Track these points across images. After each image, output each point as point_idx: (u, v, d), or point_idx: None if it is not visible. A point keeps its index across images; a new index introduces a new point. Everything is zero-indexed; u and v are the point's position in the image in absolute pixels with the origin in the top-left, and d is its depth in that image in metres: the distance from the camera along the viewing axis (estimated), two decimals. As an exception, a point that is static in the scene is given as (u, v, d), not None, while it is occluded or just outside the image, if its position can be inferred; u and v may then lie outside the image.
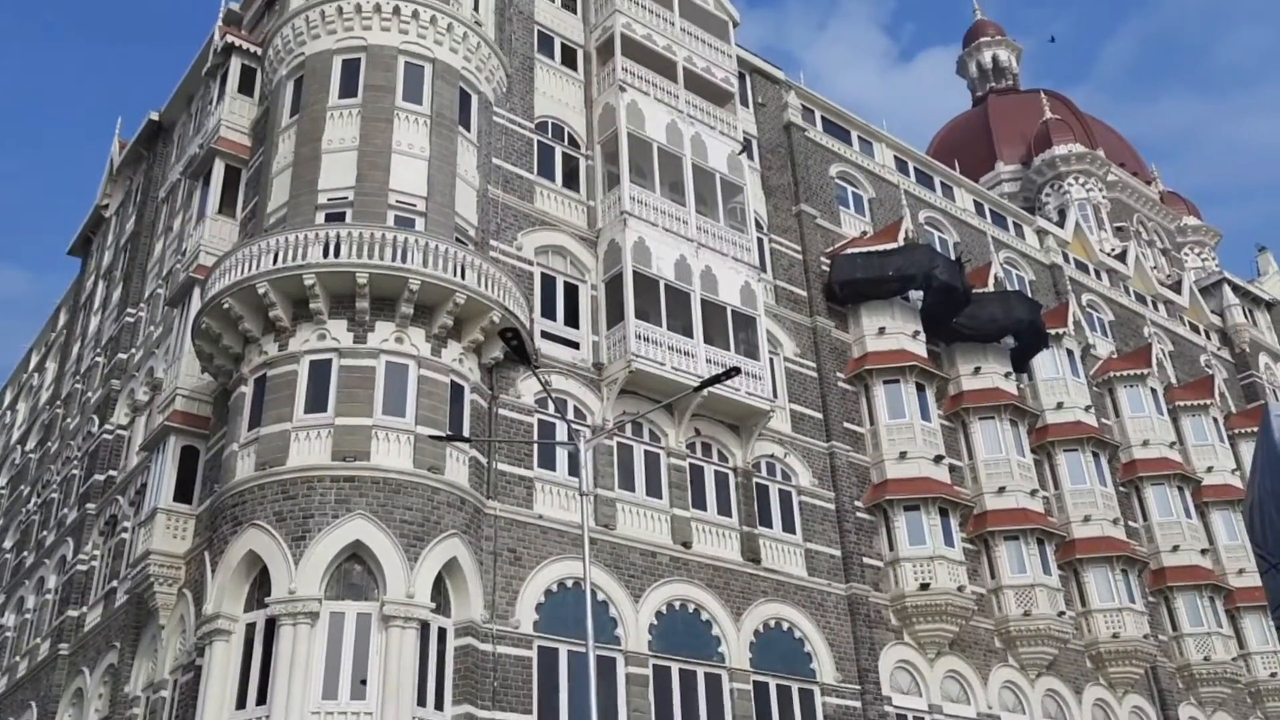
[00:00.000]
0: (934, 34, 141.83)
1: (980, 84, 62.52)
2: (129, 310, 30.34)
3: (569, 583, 21.22)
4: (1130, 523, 34.69)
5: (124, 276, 32.26)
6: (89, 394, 32.14)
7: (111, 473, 27.95)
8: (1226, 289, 48.32)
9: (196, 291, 23.41)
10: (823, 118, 34.83)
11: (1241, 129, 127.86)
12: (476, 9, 25.83)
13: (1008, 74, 62.42)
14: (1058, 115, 54.77)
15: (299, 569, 18.32)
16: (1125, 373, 37.43)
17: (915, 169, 37.23)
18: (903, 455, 28.47)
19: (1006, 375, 32.43)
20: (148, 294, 30.22)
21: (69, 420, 33.74)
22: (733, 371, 17.11)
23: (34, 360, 43.31)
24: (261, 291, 20.20)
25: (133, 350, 29.58)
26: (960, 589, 27.11)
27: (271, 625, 18.33)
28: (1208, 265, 54.87)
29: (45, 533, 32.17)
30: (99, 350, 32.64)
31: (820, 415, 28.22)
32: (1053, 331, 34.29)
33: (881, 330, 30.24)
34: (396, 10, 23.82)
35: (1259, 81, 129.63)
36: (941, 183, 37.97)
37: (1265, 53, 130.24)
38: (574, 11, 29.00)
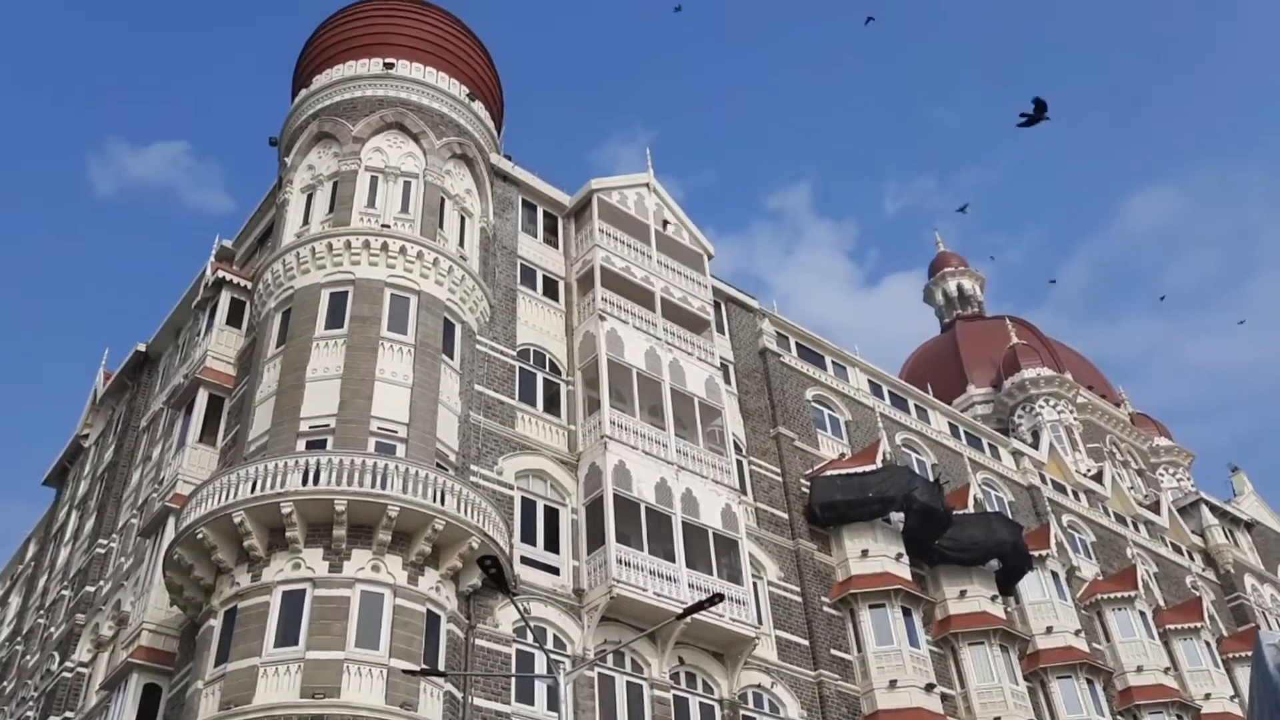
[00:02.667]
0: (897, 260, 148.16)
1: (947, 310, 64.77)
2: (100, 541, 29.76)
3: (548, 829, 19.95)
4: (1133, 754, 33.31)
5: (98, 506, 31.84)
6: (52, 629, 31.01)
7: (69, 714, 26.58)
8: (1205, 509, 48.46)
9: (171, 521, 23.09)
10: (797, 343, 35.79)
11: (1201, 348, 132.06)
12: (462, 244, 26.94)
13: (973, 301, 64.79)
14: (1024, 340, 56.49)
15: (260, 817, 17.19)
16: (1112, 595, 36.92)
17: (889, 392, 37.97)
18: (893, 684, 27.57)
19: (993, 598, 31.94)
20: (121, 524, 29.75)
21: (28, 657, 32.39)
22: (716, 598, 16.75)
23: (-3, 594, 41.97)
24: (238, 520, 19.96)
25: (101, 583, 28.82)
26: (961, 830, 25.63)
27: None
28: (1183, 485, 55.23)
29: (-10, 781, 30.23)
30: (66, 583, 31.77)
31: (806, 642, 27.49)
32: (1036, 553, 34.05)
33: (865, 553, 29.95)
34: (385, 246, 24.80)
35: (1213, 303, 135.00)
36: (916, 406, 38.64)
37: (1215, 276, 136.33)
38: (555, 246, 30.22)
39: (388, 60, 28.61)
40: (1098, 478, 45.33)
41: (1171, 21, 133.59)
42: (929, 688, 27.93)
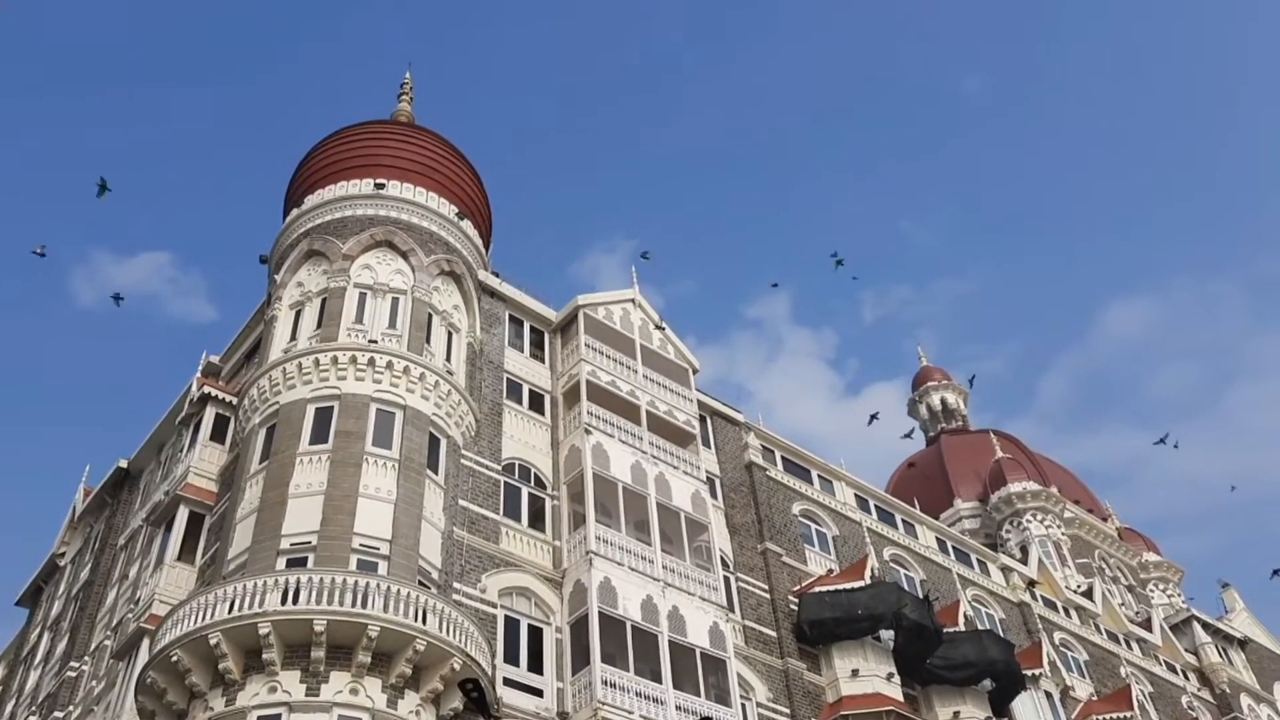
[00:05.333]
0: (877, 369, 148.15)
1: (931, 424, 65.00)
2: (72, 664, 28.94)
3: None
4: None
5: (71, 628, 31.06)
6: (15, 757, 29.93)
7: None
8: (1197, 626, 47.85)
9: (145, 643, 22.54)
10: (783, 457, 35.75)
11: (1184, 459, 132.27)
12: (449, 359, 27.08)
13: (956, 415, 65.09)
14: (1009, 454, 56.59)
15: None
16: (1108, 716, 36.09)
17: (876, 506, 37.79)
18: (887, 810, 26.72)
19: (987, 719, 31.22)
20: (94, 646, 28.99)
21: (-12, 787, 31.15)
22: (704, 720, 16.43)
23: (-40, 720, 40.56)
24: (213, 642, 19.50)
25: (70, 708, 27.91)
26: None
27: None
28: (1174, 601, 54.67)
29: None
30: (34, 708, 30.77)
31: (797, 767, 26.71)
32: (1029, 672, 33.43)
33: (855, 672, 29.36)
34: (371, 361, 24.90)
35: (1193, 414, 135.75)
36: (903, 520, 38.43)
37: (1193, 388, 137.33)
38: (541, 361, 30.40)
39: (379, 180, 29.22)
40: (1088, 594, 44.82)
41: (1142, 136, 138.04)
42: (924, 814, 27.09)
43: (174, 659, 19.79)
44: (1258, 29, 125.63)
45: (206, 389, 28.17)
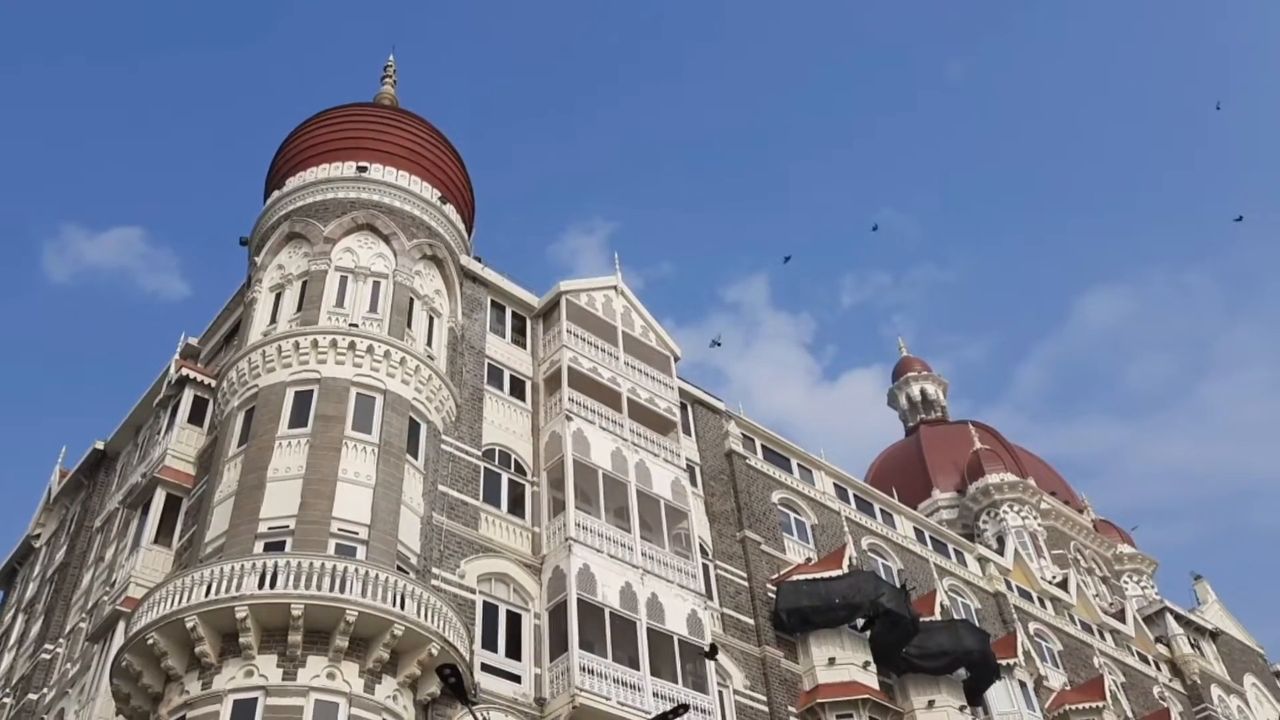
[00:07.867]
0: (854, 356, 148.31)
1: (911, 415, 65.34)
2: (46, 646, 28.78)
3: None
4: None
5: (46, 610, 30.87)
6: (-12, 739, 29.76)
7: (0, 830, 25.37)
8: (1170, 618, 48.35)
9: (121, 626, 22.42)
10: (763, 446, 35.84)
11: (1160, 450, 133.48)
12: (430, 344, 26.98)
13: (936, 406, 65.42)
14: (987, 445, 56.94)
15: None
16: (1081, 706, 36.46)
17: (855, 496, 37.97)
18: (861, 797, 26.93)
19: (961, 709, 31.47)
20: (69, 629, 28.83)
21: (-39, 769, 30.97)
22: (682, 709, 16.50)
23: (-68, 701, 40.30)
24: (190, 625, 19.41)
25: (44, 690, 27.77)
26: None
27: None
28: (1148, 593, 55.23)
29: None
30: (8, 691, 30.60)
31: (773, 754, 26.86)
32: (1003, 662, 33.70)
33: (832, 660, 29.54)
34: (352, 345, 24.78)
35: (1169, 406, 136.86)
36: (881, 510, 38.62)
37: (1170, 379, 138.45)
38: (523, 347, 30.33)
39: (361, 163, 29.03)
40: (1063, 585, 45.22)
41: (1119, 125, 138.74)
42: (898, 802, 27.30)
43: (150, 642, 19.69)
44: (1236, 20, 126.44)
45: (185, 371, 27.98)
